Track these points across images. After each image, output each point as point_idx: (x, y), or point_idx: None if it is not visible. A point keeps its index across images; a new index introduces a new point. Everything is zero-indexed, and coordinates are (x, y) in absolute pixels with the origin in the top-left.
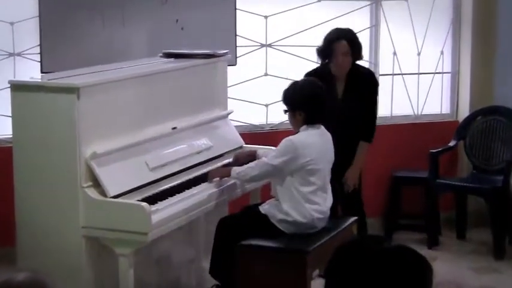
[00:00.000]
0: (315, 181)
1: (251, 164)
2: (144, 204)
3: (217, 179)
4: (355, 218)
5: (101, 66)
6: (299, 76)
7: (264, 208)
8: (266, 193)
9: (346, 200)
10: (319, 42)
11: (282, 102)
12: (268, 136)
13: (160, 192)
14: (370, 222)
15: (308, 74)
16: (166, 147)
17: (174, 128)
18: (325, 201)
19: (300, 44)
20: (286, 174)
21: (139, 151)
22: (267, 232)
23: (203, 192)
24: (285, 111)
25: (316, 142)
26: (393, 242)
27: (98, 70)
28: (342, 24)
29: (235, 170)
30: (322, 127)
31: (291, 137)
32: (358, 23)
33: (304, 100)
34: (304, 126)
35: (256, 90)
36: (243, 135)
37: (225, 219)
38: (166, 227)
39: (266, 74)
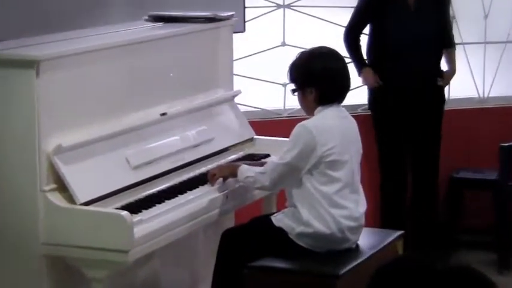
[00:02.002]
0: (340, 177)
1: (260, 168)
2: (124, 213)
3: (220, 180)
4: (402, 232)
5: (67, 32)
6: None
7: (277, 219)
8: (283, 198)
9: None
10: None
11: (288, 79)
12: (286, 125)
13: (145, 198)
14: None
15: None
16: (154, 139)
17: (164, 114)
18: (357, 204)
19: (326, 4)
20: (303, 173)
21: (118, 144)
22: (284, 250)
23: (201, 198)
24: (293, 91)
25: (336, 125)
26: (451, 262)
27: (64, 38)
28: None
29: (244, 171)
30: (343, 108)
31: (303, 122)
32: None
33: (315, 73)
34: (319, 108)
35: (270, 64)
36: (253, 123)
37: (230, 232)
38: (154, 243)
39: (284, 44)
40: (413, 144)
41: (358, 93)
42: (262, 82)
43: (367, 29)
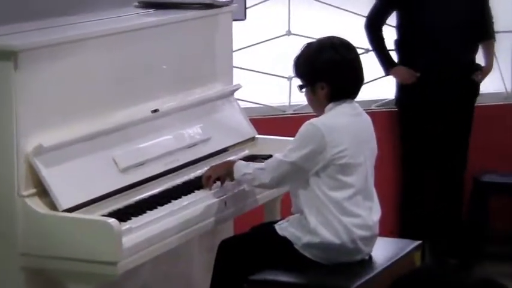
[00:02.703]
0: (353, 182)
1: (261, 164)
2: (111, 220)
3: (218, 184)
4: (419, 242)
5: (49, 20)
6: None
7: (281, 227)
8: (288, 205)
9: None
10: None
11: (294, 74)
12: (291, 122)
13: (135, 204)
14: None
15: None
16: (144, 138)
17: (155, 111)
18: (371, 212)
19: None
20: (309, 174)
21: (104, 144)
22: (289, 261)
23: (197, 204)
24: (301, 88)
25: (349, 124)
26: (473, 275)
27: (46, 26)
28: None
29: (240, 168)
30: (357, 104)
31: (312, 120)
32: None
33: (326, 66)
34: (330, 105)
35: (274, 55)
36: (255, 121)
37: (229, 242)
38: (144, 254)
39: (289, 33)
40: (442, 141)
41: (371, 88)
42: (265, 75)
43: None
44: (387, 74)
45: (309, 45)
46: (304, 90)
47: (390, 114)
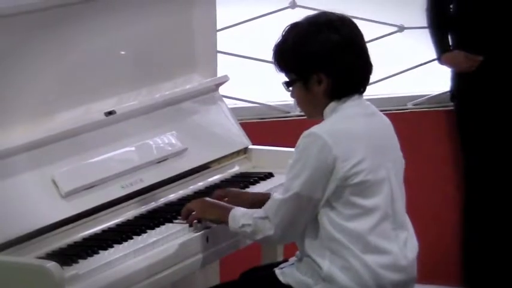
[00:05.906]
0: (376, 205)
1: (260, 211)
2: (51, 265)
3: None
4: None
5: None
6: (351, 8)
7: (285, 272)
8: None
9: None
10: None
11: (276, 69)
12: (296, 128)
13: (83, 242)
14: None
15: None
16: (95, 151)
17: (111, 113)
18: (405, 246)
19: None
20: (320, 205)
21: (40, 159)
22: None
23: (168, 240)
24: (288, 85)
25: (362, 128)
26: None
27: None
28: None
29: (237, 217)
30: (368, 102)
31: (312, 129)
32: None
33: (323, 51)
34: (331, 104)
35: (274, 36)
36: (248, 126)
37: None
38: None
39: (293, 5)
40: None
41: (403, 81)
42: (261, 63)
43: None
44: (439, 60)
45: (294, 26)
46: (291, 88)
47: (437, 115)
